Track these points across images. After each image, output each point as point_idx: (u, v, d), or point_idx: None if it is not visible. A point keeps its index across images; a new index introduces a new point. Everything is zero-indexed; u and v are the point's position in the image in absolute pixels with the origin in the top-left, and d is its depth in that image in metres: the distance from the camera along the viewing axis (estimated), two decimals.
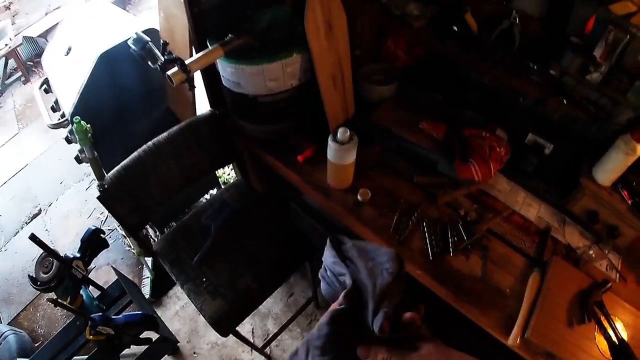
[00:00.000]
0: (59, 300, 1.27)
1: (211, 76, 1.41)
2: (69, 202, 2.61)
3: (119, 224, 1.88)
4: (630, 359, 1.05)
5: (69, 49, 1.98)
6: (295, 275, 2.14)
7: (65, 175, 2.70)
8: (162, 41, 1.19)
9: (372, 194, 1.30)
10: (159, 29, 1.73)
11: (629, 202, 1.31)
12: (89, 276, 1.74)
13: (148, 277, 2.10)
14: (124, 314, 1.27)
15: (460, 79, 1.49)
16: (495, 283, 1.21)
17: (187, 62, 1.16)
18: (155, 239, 2.05)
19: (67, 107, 1.80)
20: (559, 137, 1.37)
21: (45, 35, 3.89)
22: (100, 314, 1.23)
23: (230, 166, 2.25)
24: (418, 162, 1.38)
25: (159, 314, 2.04)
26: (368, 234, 1.26)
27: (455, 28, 1.39)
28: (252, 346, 1.70)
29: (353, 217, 1.28)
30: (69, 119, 1.72)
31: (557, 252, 1.31)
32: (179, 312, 2.04)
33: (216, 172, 2.01)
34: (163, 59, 1.16)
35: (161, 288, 2.11)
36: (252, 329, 1.98)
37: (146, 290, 2.07)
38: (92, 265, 1.40)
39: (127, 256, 2.26)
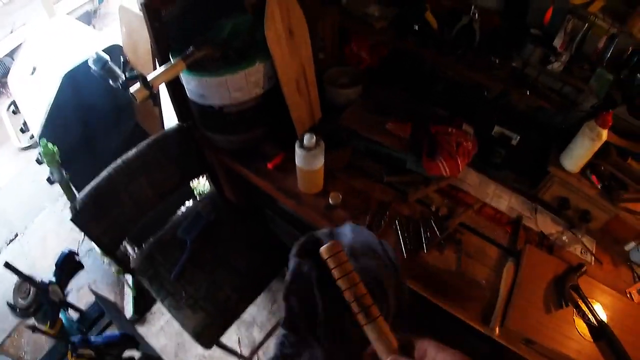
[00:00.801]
0: (38, 326, 1.30)
1: (176, 89, 1.43)
2: (45, 224, 2.61)
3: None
4: (611, 338, 1.10)
5: (34, 69, 1.99)
6: (278, 283, 2.17)
7: (40, 197, 2.70)
8: (122, 59, 1.23)
9: (344, 196, 1.34)
10: (122, 44, 1.75)
11: (598, 186, 1.37)
12: (69, 298, 1.77)
13: (130, 295, 2.13)
14: (103, 334, 1.30)
15: (425, 77, 1.55)
16: (470, 275, 1.26)
17: (149, 78, 1.18)
18: (134, 256, 2.07)
19: (36, 128, 1.82)
20: (525, 128, 1.43)
21: (11, 54, 3.87)
22: (80, 336, 1.26)
23: (204, 177, 2.28)
24: (387, 162, 1.43)
25: (144, 331, 2.07)
26: None
27: (416, 27, 1.45)
28: (239, 356, 1.73)
29: (326, 221, 1.32)
30: (38, 140, 1.74)
31: (530, 240, 1.37)
32: (164, 328, 2.07)
33: (191, 184, 2.04)
34: (124, 77, 1.19)
35: (144, 305, 2.13)
36: (239, 338, 2.01)
37: (129, 308, 2.09)
38: (69, 288, 1.42)
39: (107, 275, 2.27)
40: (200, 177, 2.14)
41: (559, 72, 1.37)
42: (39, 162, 1.95)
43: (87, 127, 1.86)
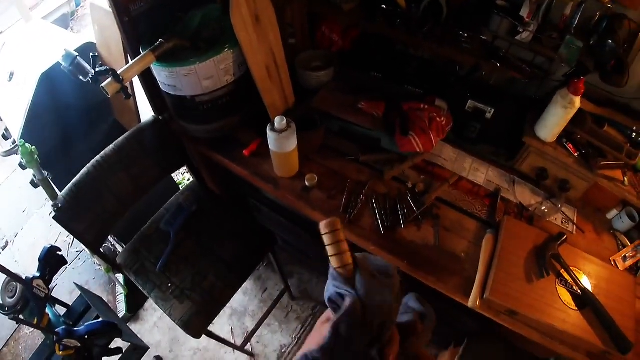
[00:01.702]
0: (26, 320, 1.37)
1: (150, 82, 1.48)
2: (34, 229, 2.68)
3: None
4: (596, 306, 1.14)
5: (12, 75, 2.05)
6: (267, 270, 2.25)
7: (27, 203, 2.78)
8: (91, 54, 1.28)
9: (320, 177, 1.40)
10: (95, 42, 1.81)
11: (575, 154, 1.41)
12: (62, 300, 1.85)
13: (122, 293, 2.19)
14: (85, 324, 1.36)
15: (397, 55, 1.60)
16: (449, 249, 1.31)
17: (119, 71, 1.24)
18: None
19: (16, 132, 1.88)
20: (499, 101, 1.47)
21: None
22: (64, 327, 1.32)
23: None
24: (362, 141, 1.48)
25: (137, 328, 2.14)
26: (319, 216, 1.36)
27: (384, 6, 1.49)
28: (232, 345, 1.80)
29: (302, 202, 1.37)
30: (19, 144, 1.80)
31: (509, 212, 1.41)
32: (157, 323, 2.14)
33: (175, 177, 2.10)
34: (93, 72, 1.25)
35: (136, 302, 2.20)
36: (231, 328, 2.09)
37: (122, 307, 2.16)
38: (54, 284, 1.49)
39: (98, 275, 2.34)
40: (184, 170, 2.21)
41: (528, 42, 1.41)
42: (22, 166, 2.02)
43: (67, 127, 1.91)
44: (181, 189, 1.88)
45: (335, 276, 0.63)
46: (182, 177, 2.69)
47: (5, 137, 2.22)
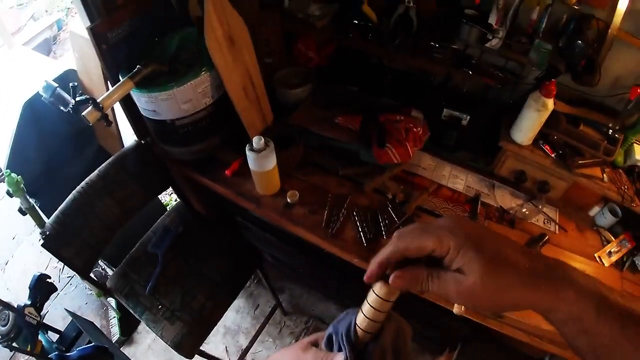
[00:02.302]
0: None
1: (131, 107, 1.52)
2: (25, 256, 2.72)
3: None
4: None
5: None
6: (258, 287, 2.29)
7: (17, 230, 2.82)
8: (71, 84, 1.34)
9: (301, 192, 1.45)
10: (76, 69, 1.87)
11: (552, 155, 1.47)
12: (57, 327, 1.90)
13: (115, 317, 2.23)
14: (77, 349, 1.41)
15: (372, 70, 1.66)
16: None
17: (99, 99, 1.29)
18: None
19: (2, 161, 1.94)
20: (473, 107, 1.53)
21: None
22: (57, 353, 1.37)
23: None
24: (342, 155, 1.54)
25: (132, 351, 2.18)
26: (302, 232, 1.41)
27: (356, 21, 1.56)
28: None
29: (285, 219, 1.42)
30: (4, 174, 1.86)
31: (490, 216, 1.47)
32: (152, 346, 2.18)
33: (162, 198, 2.15)
34: (73, 101, 1.31)
35: (130, 325, 2.24)
36: (226, 347, 2.13)
37: (115, 330, 2.20)
38: (45, 310, 1.54)
39: (90, 300, 2.38)
40: (171, 192, 2.26)
41: (498, 48, 1.47)
42: (10, 194, 2.08)
43: (52, 154, 1.96)
44: (168, 209, 1.93)
45: (351, 328, 0.56)
46: (170, 197, 2.74)
47: None
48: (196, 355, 1.62)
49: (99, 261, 2.18)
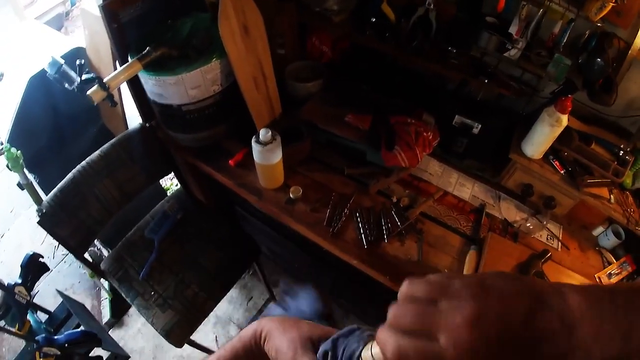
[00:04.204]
0: (7, 327, 1.38)
1: (138, 89, 1.49)
2: (21, 230, 2.69)
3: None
4: None
5: (2, 75, 2.07)
6: (253, 279, 2.26)
7: (15, 204, 2.78)
8: (77, 62, 1.29)
9: (304, 189, 1.41)
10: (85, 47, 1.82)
11: (562, 172, 1.44)
12: (46, 305, 1.85)
13: (106, 298, 2.20)
14: (65, 333, 1.37)
15: (386, 69, 1.61)
16: (433, 264, 1.32)
17: (105, 79, 1.25)
18: None
19: (4, 134, 1.89)
20: (486, 116, 1.50)
21: None
22: (44, 335, 1.33)
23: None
24: (348, 154, 1.50)
25: (121, 334, 2.14)
26: (302, 229, 1.37)
27: (374, 19, 1.51)
28: None
29: (286, 215, 1.38)
30: (4, 148, 1.81)
31: (493, 228, 1.43)
32: (141, 329, 2.14)
33: (162, 182, 2.11)
34: (79, 79, 1.26)
35: (121, 307, 2.21)
36: (216, 337, 2.10)
37: (106, 312, 2.17)
38: (35, 290, 1.50)
39: (83, 279, 2.34)
40: (172, 176, 2.22)
41: (516, 59, 1.43)
42: (9, 168, 2.04)
43: (56, 129, 1.92)
44: (168, 194, 1.89)
45: (358, 347, 0.49)
46: (171, 182, 2.70)
47: None
48: (185, 344, 1.58)
49: (95, 241, 2.13)
